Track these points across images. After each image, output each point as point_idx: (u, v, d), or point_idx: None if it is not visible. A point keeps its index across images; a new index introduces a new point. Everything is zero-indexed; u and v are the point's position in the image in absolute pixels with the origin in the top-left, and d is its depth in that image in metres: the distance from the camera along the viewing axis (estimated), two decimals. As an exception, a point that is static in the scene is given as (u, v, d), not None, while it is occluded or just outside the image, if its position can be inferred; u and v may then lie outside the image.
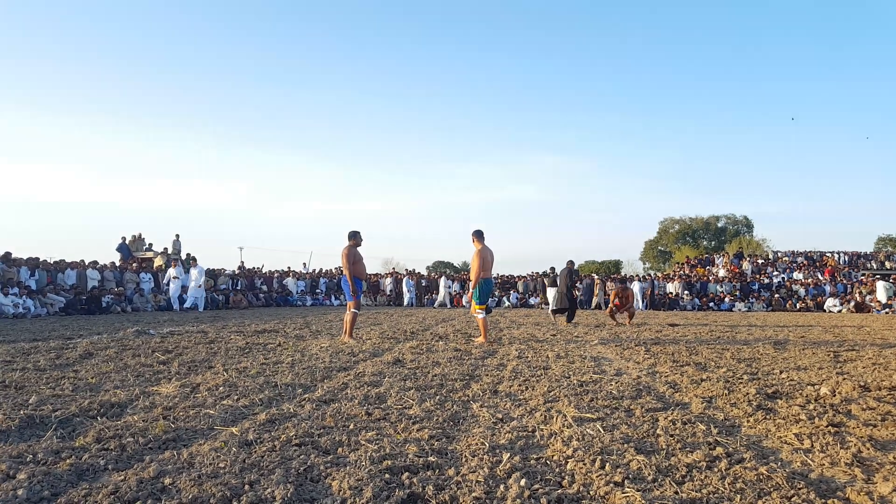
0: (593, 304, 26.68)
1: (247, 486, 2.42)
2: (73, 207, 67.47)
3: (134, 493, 2.31)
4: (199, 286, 20.49)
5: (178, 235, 25.92)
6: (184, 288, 20.61)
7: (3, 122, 65.78)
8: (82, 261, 20.09)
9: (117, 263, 22.02)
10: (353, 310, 9.01)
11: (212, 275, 25.11)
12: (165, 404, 4.01)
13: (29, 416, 3.55)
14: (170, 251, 24.88)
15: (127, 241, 24.56)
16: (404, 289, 28.87)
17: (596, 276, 32.10)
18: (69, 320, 13.89)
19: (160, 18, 70.62)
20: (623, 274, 40.46)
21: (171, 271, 20.51)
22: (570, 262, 14.40)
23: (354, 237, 9.02)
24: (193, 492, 2.33)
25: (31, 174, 67.82)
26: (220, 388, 4.64)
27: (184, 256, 25.15)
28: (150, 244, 25.74)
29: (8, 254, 17.88)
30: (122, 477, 2.52)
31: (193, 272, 20.62)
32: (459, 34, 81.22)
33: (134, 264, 22.36)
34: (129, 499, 2.27)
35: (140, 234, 25.67)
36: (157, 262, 23.92)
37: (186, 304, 20.26)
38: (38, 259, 18.70)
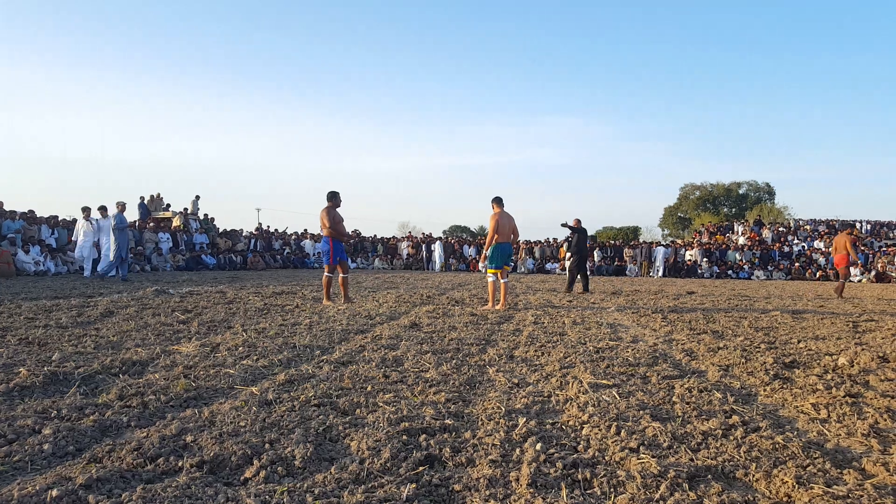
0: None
1: (267, 445, 2.46)
2: (94, 165, 68.03)
3: (157, 450, 2.36)
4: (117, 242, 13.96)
5: (197, 196, 26.06)
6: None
7: (25, 76, 66.00)
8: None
9: (136, 223, 22.25)
10: (327, 273, 9.02)
11: (230, 235, 25.34)
12: (186, 363, 4.08)
13: (52, 372, 3.63)
14: (189, 211, 25.07)
15: (146, 201, 24.76)
16: (436, 252, 28.66)
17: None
18: (89, 279, 14.12)
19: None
20: (641, 240, 40.09)
21: (81, 223, 15.41)
22: (577, 221, 13.25)
23: (333, 198, 8.93)
24: (215, 449, 2.38)
25: (52, 131, 68.31)
26: (240, 349, 4.71)
27: (202, 217, 25.34)
28: (169, 204, 25.94)
29: (31, 212, 18.15)
30: (145, 434, 2.58)
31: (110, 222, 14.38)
32: (479, -7, 79.45)
33: (152, 224, 22.57)
34: (152, 455, 2.32)
35: (159, 194, 25.82)
36: (176, 222, 24.12)
37: (100, 268, 14.97)
38: (57, 217, 18.94)
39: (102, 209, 15.15)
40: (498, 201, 8.82)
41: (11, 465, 2.23)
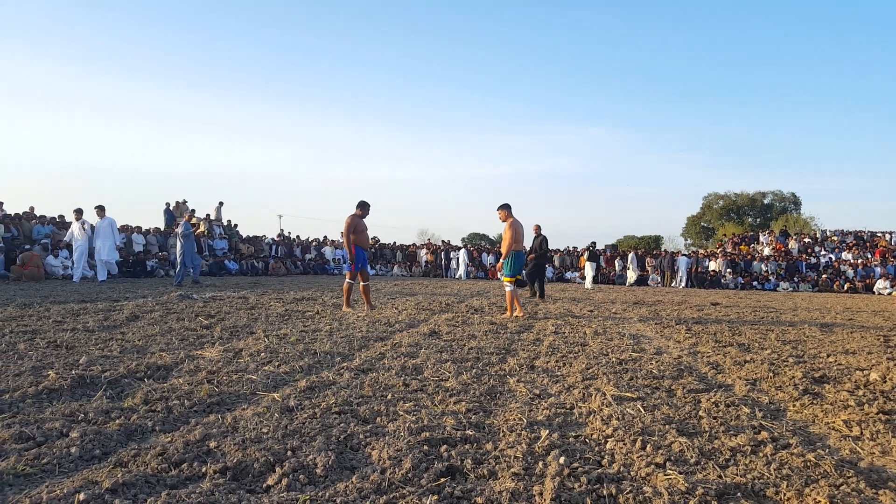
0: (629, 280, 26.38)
1: (289, 452, 2.46)
2: (122, 172, 69.35)
3: (181, 455, 2.37)
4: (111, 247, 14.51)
5: (221, 203, 26.42)
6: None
7: (51, 84, 67.56)
8: (128, 225, 20.67)
9: (161, 228, 22.58)
10: (348, 280, 9.03)
11: (253, 241, 25.60)
12: (209, 368, 4.10)
13: (80, 375, 3.68)
14: (213, 217, 25.38)
15: (171, 207, 25.12)
16: (461, 260, 28.51)
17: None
18: (115, 283, 14.34)
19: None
20: (664, 249, 39.63)
21: (75, 226, 14.56)
22: (538, 227, 13.25)
23: (362, 207, 8.92)
24: (238, 456, 2.39)
25: (81, 139, 69.81)
26: (262, 354, 4.74)
27: (225, 223, 25.65)
28: (193, 210, 26.28)
29: (61, 217, 18.52)
30: (170, 438, 2.59)
31: (104, 224, 14.49)
32: (500, 2, 79.72)
33: (177, 230, 22.87)
34: (177, 460, 2.33)
35: (184, 201, 26.18)
36: (200, 227, 24.43)
37: (99, 277, 14.65)
38: (83, 223, 19.24)
39: (99, 209, 14.50)
40: (507, 208, 8.73)
41: (40, 468, 2.26)
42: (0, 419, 2.82)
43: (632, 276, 26.41)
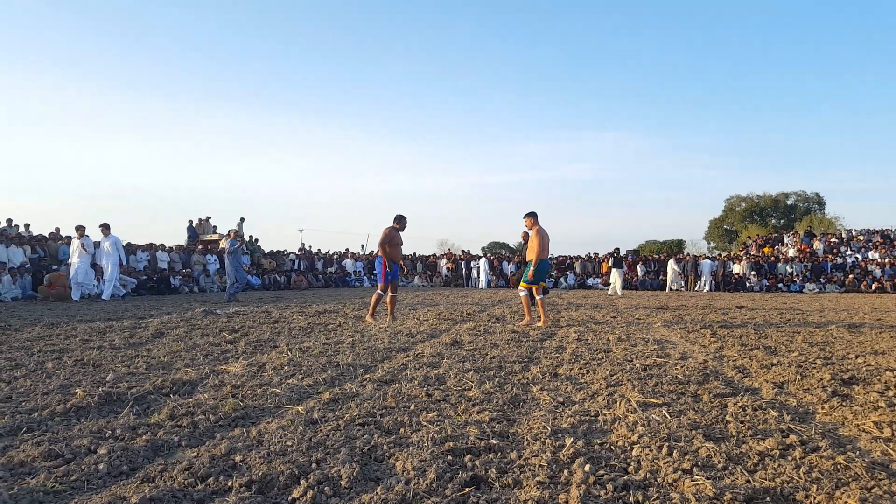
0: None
1: (314, 465, 2.47)
2: (145, 191, 70.50)
3: (207, 470, 2.40)
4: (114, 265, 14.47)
5: (242, 219, 26.69)
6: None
7: (75, 103, 69.10)
8: (153, 243, 21.01)
9: (184, 245, 22.90)
10: (379, 291, 9.07)
11: (275, 256, 25.84)
12: (234, 383, 4.14)
13: (107, 393, 3.74)
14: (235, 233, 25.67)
15: (194, 224, 25.49)
16: (481, 270, 28.45)
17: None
18: (140, 300, 14.57)
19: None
20: (687, 253, 39.18)
21: (75, 242, 14.40)
22: (525, 234, 13.29)
23: (399, 221, 9.04)
24: (263, 469, 2.40)
25: (102, 157, 71.15)
26: (285, 368, 4.77)
27: (247, 238, 25.94)
28: (215, 227, 26.63)
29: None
30: (196, 453, 2.62)
31: (106, 244, 14.48)
32: (518, 8, 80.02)
33: (200, 246, 23.20)
34: (203, 475, 2.35)
35: (207, 218, 26.56)
36: (222, 244, 24.73)
37: (104, 295, 14.49)
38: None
39: (104, 227, 14.40)
40: (534, 216, 8.72)
41: (69, 485, 2.29)
42: (30, 437, 2.87)
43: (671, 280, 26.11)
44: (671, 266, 26.48)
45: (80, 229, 14.45)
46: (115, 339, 6.53)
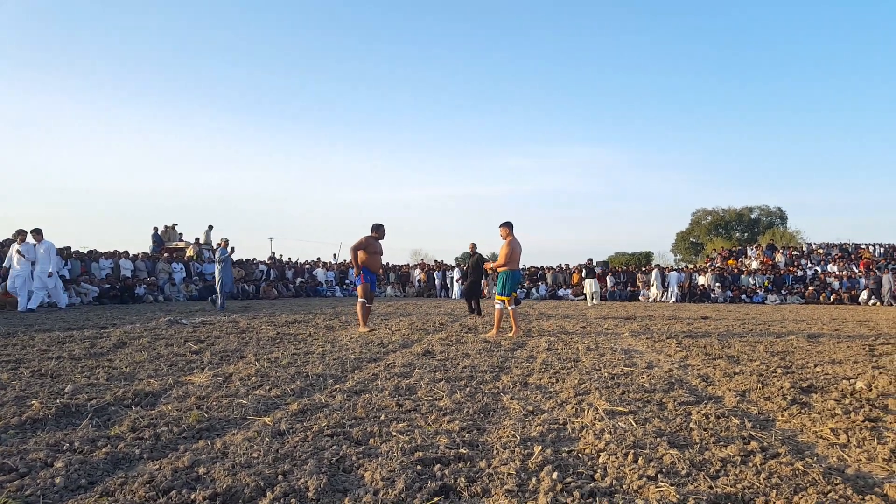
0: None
1: (280, 476, 2.44)
2: (108, 196, 68.97)
3: (169, 483, 2.34)
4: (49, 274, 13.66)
5: (210, 226, 26.33)
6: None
7: (38, 108, 67.40)
8: (116, 251, 20.53)
9: (149, 253, 22.44)
10: (361, 299, 9.07)
11: (244, 265, 25.48)
12: (198, 394, 4.06)
13: (65, 404, 3.63)
14: (202, 241, 25.27)
15: (159, 232, 25.01)
16: (454, 280, 28.30)
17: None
18: (102, 309, 14.20)
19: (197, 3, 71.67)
20: (654, 265, 39.80)
21: (14, 247, 13.62)
22: (473, 245, 13.67)
23: (377, 230, 9.06)
24: (227, 481, 2.36)
25: (67, 162, 69.45)
26: (253, 378, 4.70)
27: (214, 246, 25.55)
28: (181, 234, 26.17)
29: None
30: (157, 466, 2.56)
31: (40, 250, 13.62)
32: (491, 24, 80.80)
33: (165, 254, 22.76)
34: (165, 488, 2.30)
35: (173, 225, 26.10)
36: (189, 252, 24.32)
37: (30, 304, 13.22)
38: (70, 248, 19.06)
39: (36, 233, 13.58)
40: (509, 226, 8.75)
41: (24, 500, 2.22)
42: (-15, 450, 2.77)
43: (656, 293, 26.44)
44: (655, 277, 26.98)
45: (21, 234, 13.68)
46: (75, 349, 6.35)
